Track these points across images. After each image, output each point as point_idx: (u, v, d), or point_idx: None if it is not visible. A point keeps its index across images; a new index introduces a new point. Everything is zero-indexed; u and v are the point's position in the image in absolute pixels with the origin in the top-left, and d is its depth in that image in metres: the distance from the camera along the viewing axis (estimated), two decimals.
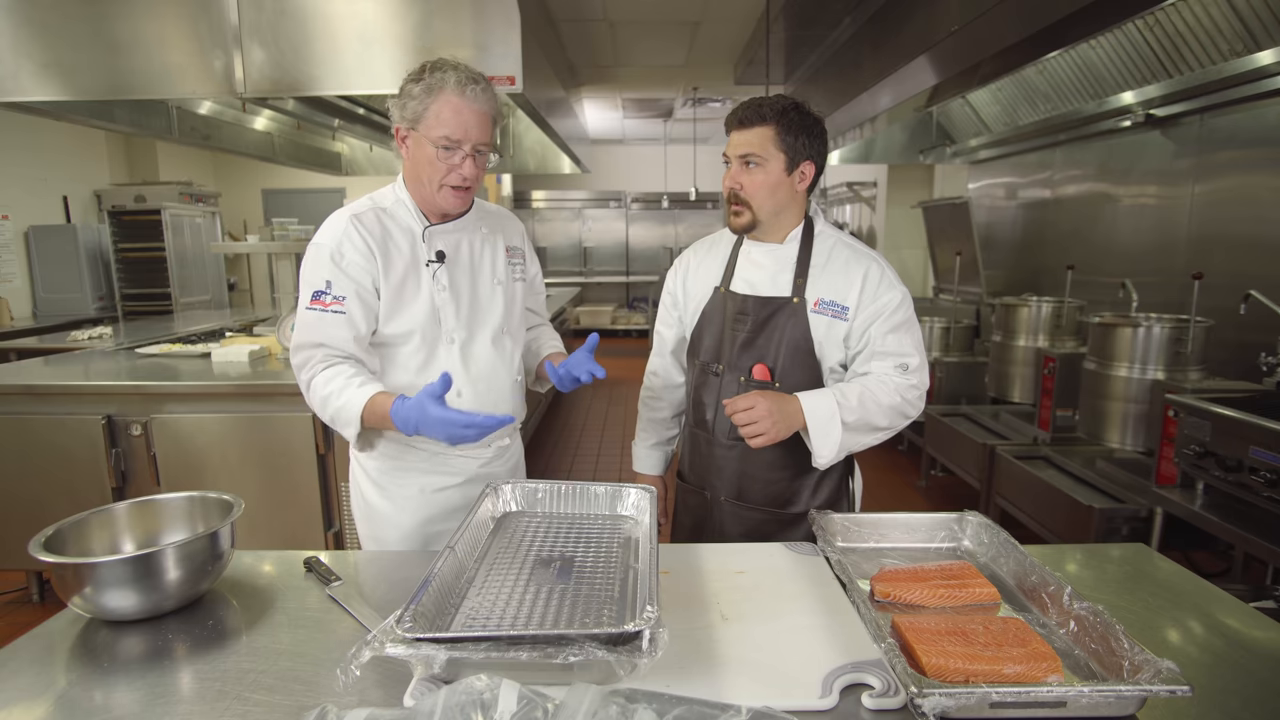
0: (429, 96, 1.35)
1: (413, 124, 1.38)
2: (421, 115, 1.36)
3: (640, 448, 1.82)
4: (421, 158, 1.39)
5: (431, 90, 1.35)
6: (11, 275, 6.12)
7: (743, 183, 1.47)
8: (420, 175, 1.42)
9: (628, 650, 0.86)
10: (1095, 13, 2.48)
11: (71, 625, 1.10)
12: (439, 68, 1.36)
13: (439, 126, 1.35)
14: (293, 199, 8.91)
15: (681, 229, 10.75)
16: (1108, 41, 3.32)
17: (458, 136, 1.36)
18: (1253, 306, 2.61)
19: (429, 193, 1.43)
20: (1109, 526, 2.64)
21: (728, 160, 1.49)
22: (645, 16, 5.06)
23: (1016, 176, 5.11)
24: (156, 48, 2.98)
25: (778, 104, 1.44)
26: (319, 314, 1.39)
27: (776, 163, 1.45)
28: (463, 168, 1.39)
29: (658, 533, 1.62)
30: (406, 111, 1.37)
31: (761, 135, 1.44)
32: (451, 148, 1.37)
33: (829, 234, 1.55)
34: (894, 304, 1.47)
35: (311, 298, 1.39)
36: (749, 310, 1.52)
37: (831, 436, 1.41)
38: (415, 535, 1.55)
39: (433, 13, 2.93)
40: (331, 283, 1.39)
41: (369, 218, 1.43)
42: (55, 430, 2.70)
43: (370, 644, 0.85)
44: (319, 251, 1.41)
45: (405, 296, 1.45)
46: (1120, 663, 0.88)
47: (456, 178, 1.40)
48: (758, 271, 1.54)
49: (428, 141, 1.37)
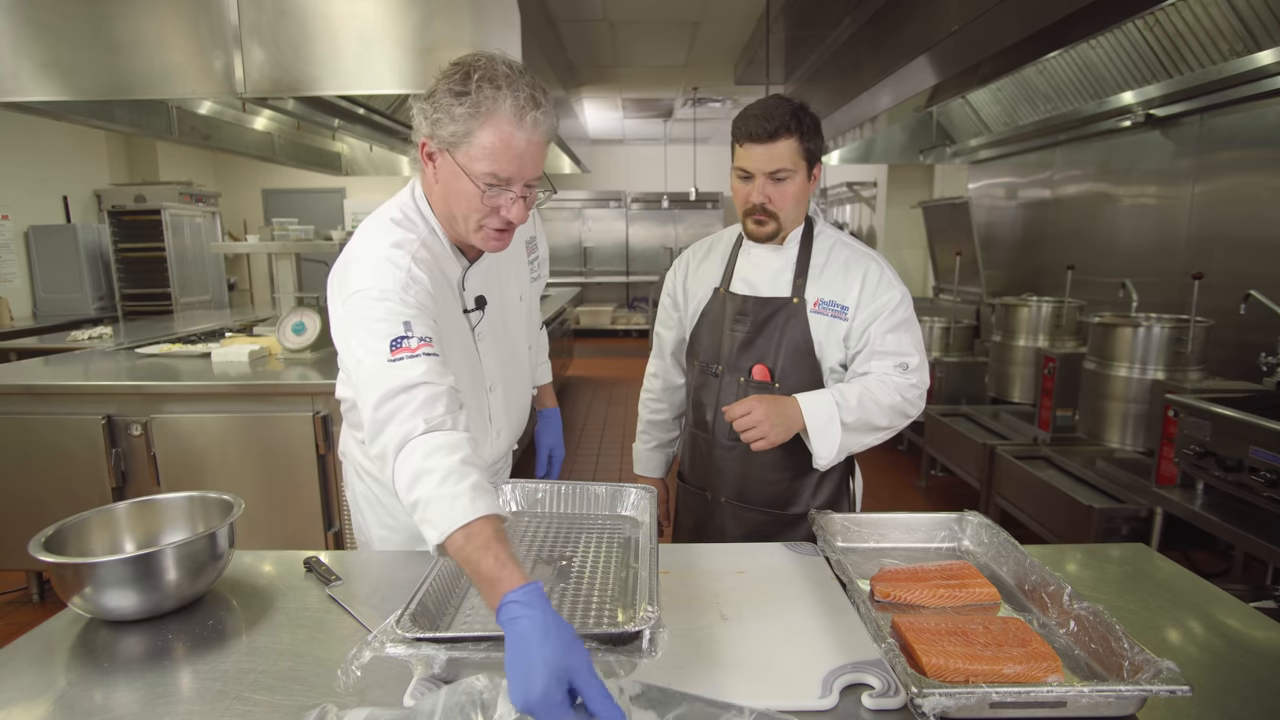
0: (475, 120, 1.07)
1: (448, 146, 1.10)
2: (462, 140, 1.08)
3: (641, 449, 1.82)
4: (457, 190, 1.13)
5: (480, 112, 1.06)
6: (11, 275, 6.12)
7: (772, 196, 1.43)
8: (453, 207, 1.16)
9: (628, 650, 0.86)
10: (1095, 13, 2.48)
11: (71, 625, 1.10)
12: (491, 79, 1.06)
13: (485, 160, 1.08)
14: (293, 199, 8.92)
15: (681, 229, 10.74)
16: (1108, 41, 3.32)
17: (508, 174, 1.09)
18: (1253, 306, 2.60)
19: (464, 230, 1.18)
20: (1109, 526, 2.64)
21: (747, 174, 1.43)
22: (645, 16, 5.06)
23: (1016, 176, 5.10)
24: (156, 48, 2.97)
25: (789, 109, 1.40)
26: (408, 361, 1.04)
27: (801, 173, 1.43)
28: (511, 210, 1.13)
29: (658, 533, 1.62)
30: (441, 129, 1.09)
31: (790, 148, 1.39)
32: (498, 186, 1.11)
33: (829, 234, 1.55)
34: (894, 303, 1.47)
35: (391, 347, 1.04)
36: (748, 311, 1.52)
37: (831, 437, 1.40)
38: (416, 534, 1.53)
39: (433, 13, 2.93)
40: (412, 324, 1.06)
41: (422, 255, 1.16)
42: (55, 430, 2.70)
43: (370, 644, 0.85)
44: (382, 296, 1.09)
45: (448, 344, 1.20)
46: (1120, 663, 0.88)
47: (499, 220, 1.15)
48: (758, 272, 1.54)
49: (467, 175, 1.10)
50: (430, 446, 0.98)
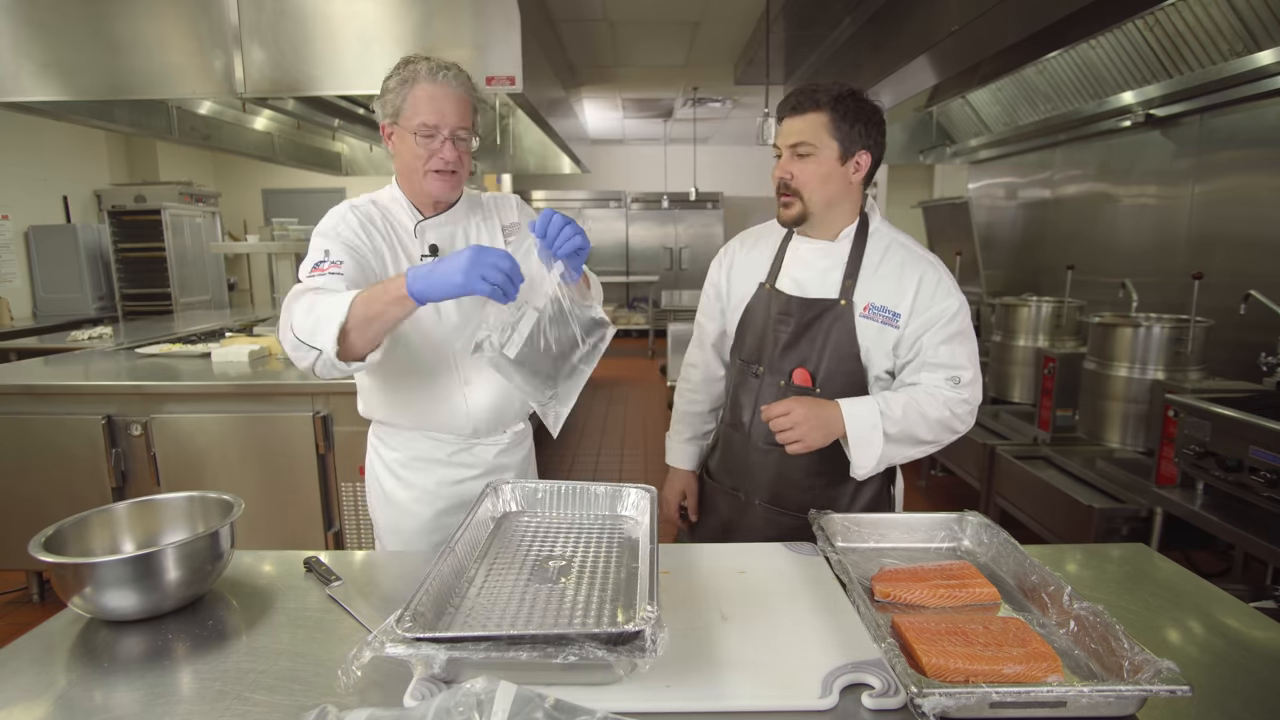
0: (404, 88, 1.38)
1: (394, 118, 1.41)
2: (400, 108, 1.39)
3: (674, 441, 1.73)
4: (406, 149, 1.42)
5: (405, 82, 1.38)
6: (11, 275, 6.12)
7: (793, 172, 1.39)
8: (407, 167, 1.44)
9: (628, 650, 0.86)
10: (1095, 13, 2.48)
11: (71, 625, 1.10)
12: (410, 61, 1.40)
13: (416, 115, 1.38)
14: (293, 199, 8.91)
15: (681, 229, 10.74)
16: (1108, 41, 3.32)
17: (434, 122, 1.38)
18: (1253, 306, 2.60)
19: (417, 183, 1.44)
20: (1109, 526, 2.64)
21: (779, 151, 1.42)
22: (645, 16, 5.06)
23: (1016, 176, 5.11)
24: (156, 48, 2.98)
25: (832, 89, 1.37)
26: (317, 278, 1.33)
27: (829, 151, 1.37)
28: (443, 151, 1.40)
29: (688, 527, 1.60)
30: (387, 107, 1.41)
31: (814, 122, 1.36)
32: (430, 135, 1.39)
33: (884, 233, 1.48)
34: (950, 312, 1.39)
35: (311, 268, 1.35)
36: (793, 311, 1.45)
37: (873, 447, 1.35)
38: (433, 525, 1.56)
39: (433, 13, 2.93)
40: (330, 251, 1.36)
41: (365, 207, 1.47)
42: (55, 430, 2.70)
43: (371, 644, 0.85)
44: (316, 237, 1.41)
45: None
46: (1120, 663, 0.88)
47: (438, 162, 1.41)
48: (806, 270, 1.47)
49: (408, 132, 1.39)
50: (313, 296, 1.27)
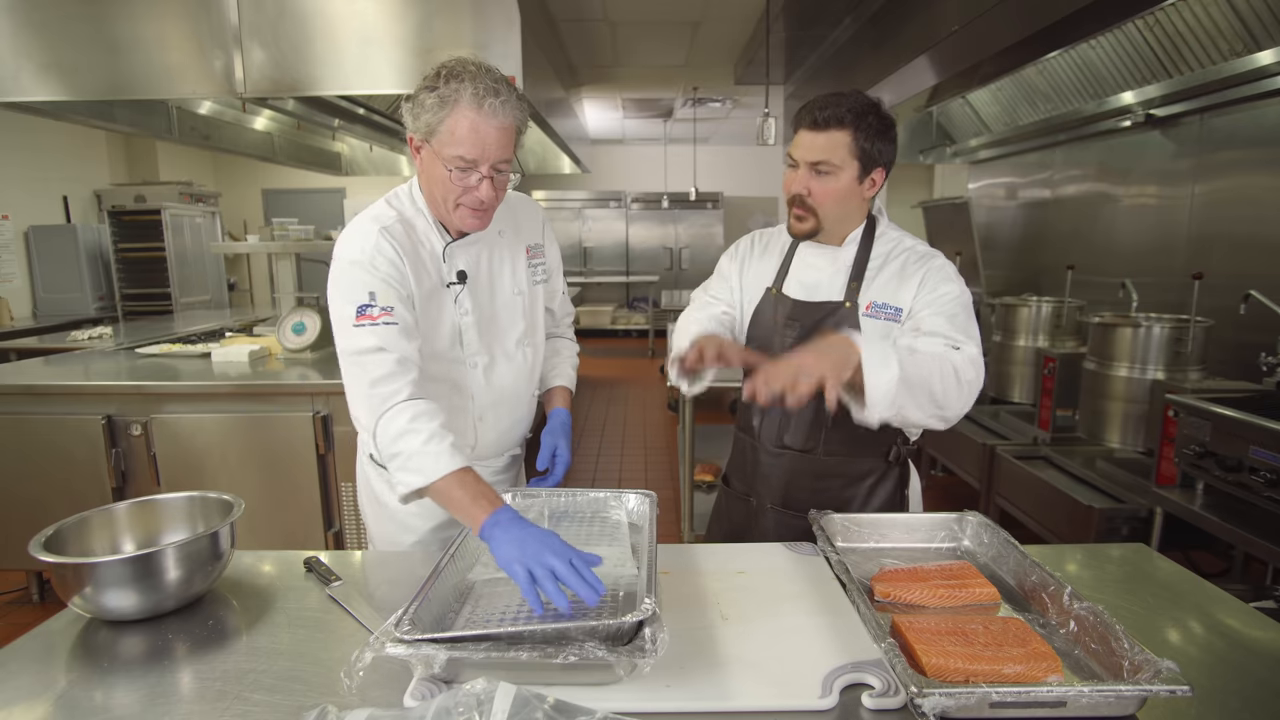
0: (443, 109, 1.21)
1: (426, 137, 1.25)
2: (435, 129, 1.23)
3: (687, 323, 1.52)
4: (437, 174, 1.27)
5: (445, 103, 1.21)
6: (11, 275, 6.12)
7: (811, 189, 1.35)
8: (434, 191, 1.31)
9: (628, 650, 0.86)
10: (1095, 13, 2.48)
11: (71, 625, 1.10)
12: (456, 75, 1.21)
13: (453, 145, 1.22)
14: (293, 199, 8.92)
15: (681, 229, 10.74)
16: (1108, 41, 3.32)
17: (473, 156, 1.22)
18: (1253, 306, 2.60)
19: (443, 211, 1.33)
20: (1109, 526, 2.64)
21: (793, 161, 1.37)
22: (645, 16, 5.06)
23: (1016, 176, 5.10)
24: (156, 48, 2.98)
25: (856, 105, 1.31)
26: (369, 329, 1.23)
27: (849, 171, 1.33)
28: (479, 190, 1.26)
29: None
30: (419, 122, 1.25)
31: (836, 141, 1.31)
32: (467, 169, 1.24)
33: (891, 235, 1.46)
34: (951, 295, 1.35)
35: (357, 314, 1.23)
36: (798, 316, 1.45)
37: (889, 369, 1.17)
38: (430, 540, 1.50)
39: (433, 13, 2.93)
40: (376, 294, 1.24)
41: (396, 230, 1.31)
42: (55, 430, 2.70)
43: (372, 646, 0.85)
44: (352, 268, 1.27)
45: (430, 317, 1.36)
46: (1120, 663, 0.88)
47: (472, 200, 1.28)
48: (812, 274, 1.47)
49: (440, 160, 1.24)
50: (415, 412, 1.20)
